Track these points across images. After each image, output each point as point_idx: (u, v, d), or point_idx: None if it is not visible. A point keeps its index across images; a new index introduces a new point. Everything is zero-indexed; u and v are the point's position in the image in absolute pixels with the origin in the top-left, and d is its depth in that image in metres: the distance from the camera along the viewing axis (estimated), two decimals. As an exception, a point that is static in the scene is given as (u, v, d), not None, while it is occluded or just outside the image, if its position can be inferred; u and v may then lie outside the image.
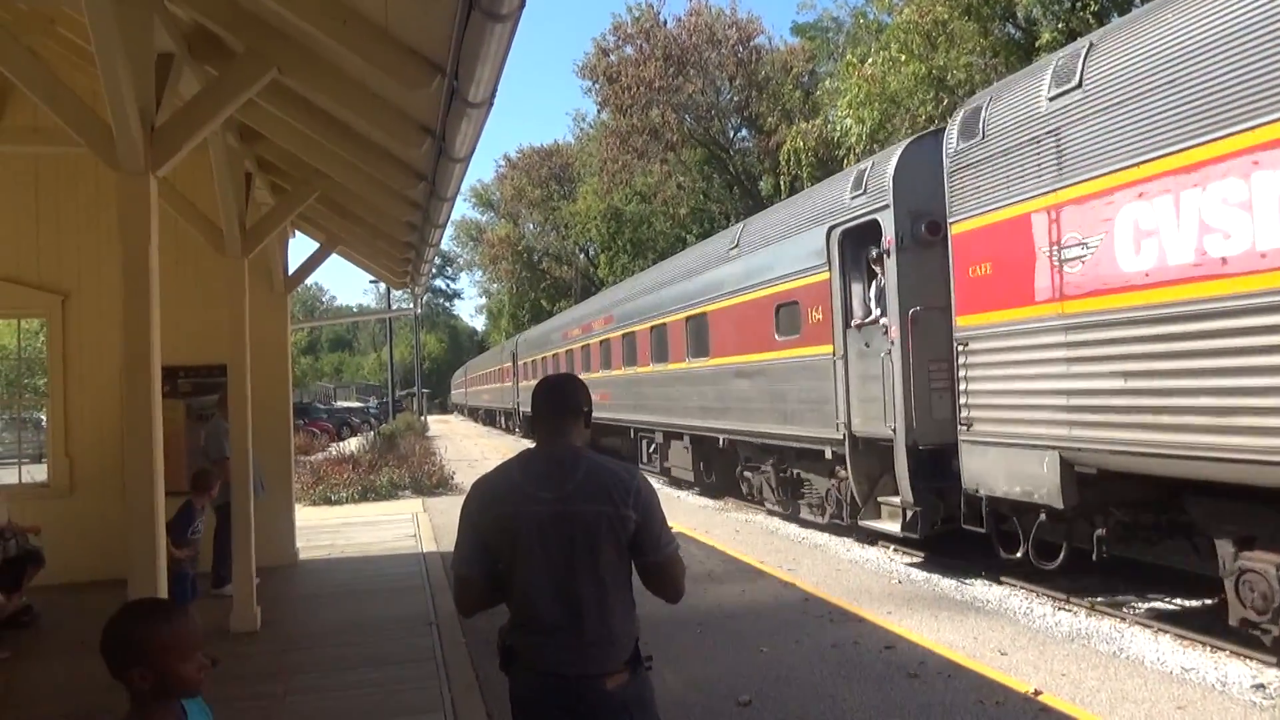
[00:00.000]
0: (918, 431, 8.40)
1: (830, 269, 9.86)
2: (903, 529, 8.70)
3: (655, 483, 15.07)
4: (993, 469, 7.45)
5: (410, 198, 6.57)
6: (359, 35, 3.97)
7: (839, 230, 9.68)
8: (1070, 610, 7.31)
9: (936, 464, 8.45)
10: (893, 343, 8.60)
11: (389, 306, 37.31)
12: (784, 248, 11.12)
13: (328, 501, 16.22)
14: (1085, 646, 6.29)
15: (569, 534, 2.44)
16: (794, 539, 11.09)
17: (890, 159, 8.99)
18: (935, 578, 8.57)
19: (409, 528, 12.69)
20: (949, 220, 7.99)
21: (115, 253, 4.20)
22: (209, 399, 9.30)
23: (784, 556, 9.82)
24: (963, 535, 8.36)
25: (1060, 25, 18.68)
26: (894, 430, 8.55)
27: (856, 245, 9.53)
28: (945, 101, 20.43)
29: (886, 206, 8.78)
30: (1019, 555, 7.65)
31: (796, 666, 5.98)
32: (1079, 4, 18.51)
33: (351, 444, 28.22)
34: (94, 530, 8.37)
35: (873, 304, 9.25)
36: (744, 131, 41.31)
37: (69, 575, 8.33)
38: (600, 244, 46.81)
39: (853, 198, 9.49)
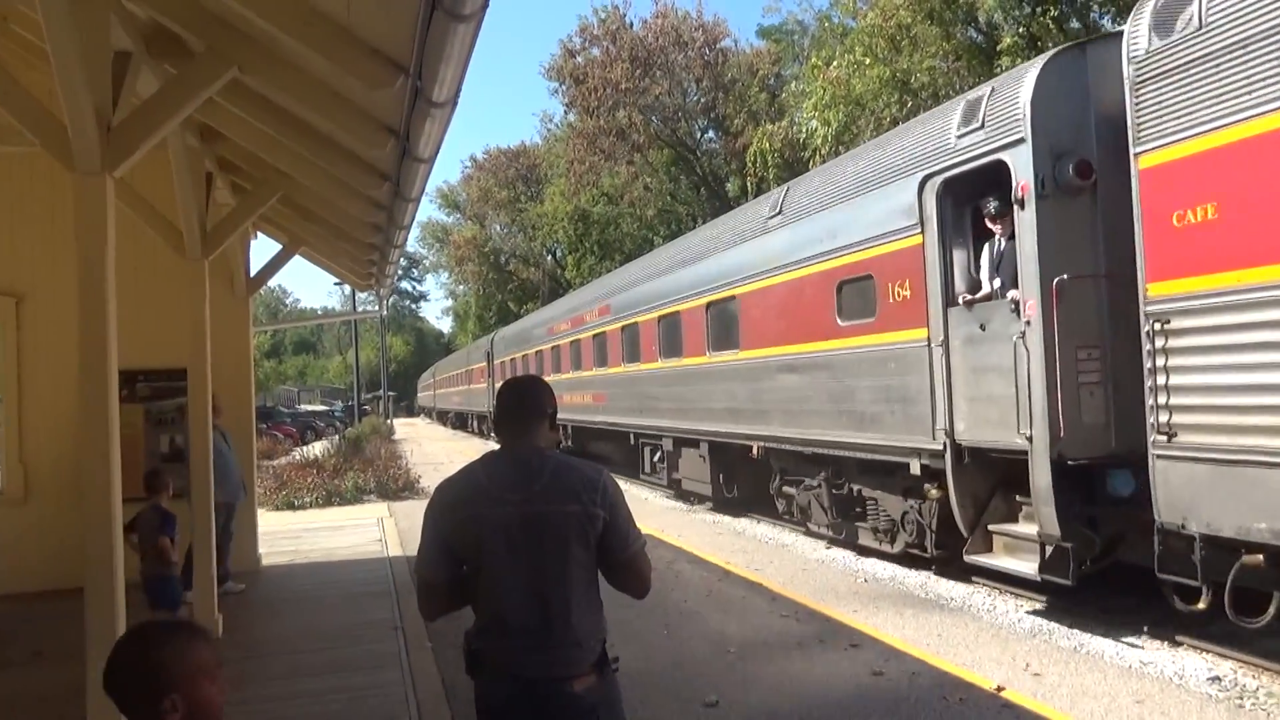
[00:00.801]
0: (1065, 441, 6.36)
1: (924, 231, 7.73)
2: (1041, 569, 6.62)
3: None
4: (1215, 496, 5.44)
5: (374, 198, 6.52)
6: (321, 34, 3.93)
7: (939, 180, 7.58)
8: (1032, 607, 7.41)
9: (1084, 484, 6.58)
10: (1028, 323, 6.57)
11: (354, 309, 37.04)
12: (852, 210, 8.90)
13: (291, 507, 16.02)
14: (1047, 642, 6.39)
15: (537, 535, 2.43)
16: (760, 539, 11.14)
17: (1023, 81, 6.83)
18: (900, 576, 8.65)
19: (374, 532, 12.58)
20: (1136, 150, 5.93)
21: (71, 254, 4.12)
22: (169, 403, 9.15)
23: (751, 556, 9.86)
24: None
25: (1021, 29, 18.97)
26: (1029, 438, 6.51)
27: (959, 199, 7.64)
28: (909, 104, 20.66)
29: (1020, 142, 6.70)
30: (1201, 607, 5.71)
31: (763, 666, 6.01)
32: (1039, 8, 18.80)
33: (316, 448, 27.93)
34: (49, 539, 8.19)
35: (984, 274, 7.38)
36: (711, 133, 41.46)
37: (23, 584, 8.15)
38: (568, 245, 46.72)
39: (962, 135, 7.38)
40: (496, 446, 2.67)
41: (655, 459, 15.68)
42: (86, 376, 4.07)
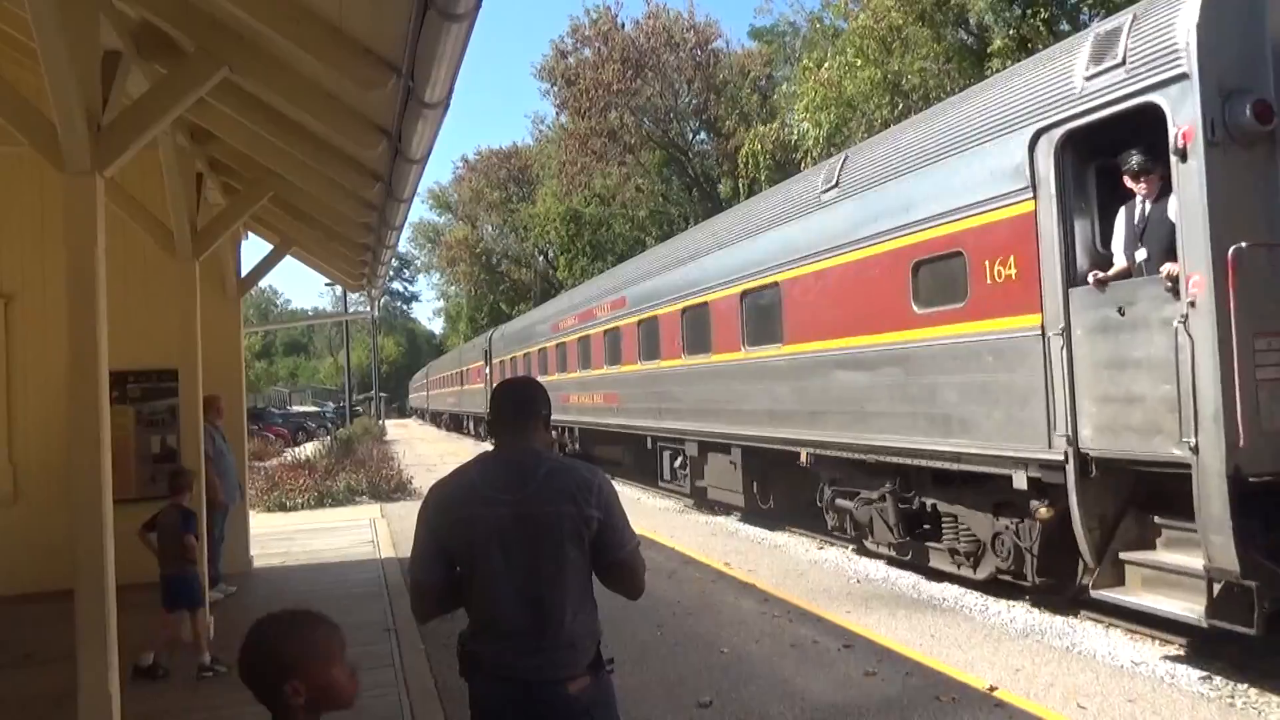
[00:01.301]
0: (1245, 452, 5.09)
1: (1037, 196, 6.44)
2: (1210, 612, 5.30)
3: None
4: None
5: (366, 199, 6.50)
6: (312, 34, 3.92)
7: (1059, 133, 6.28)
8: (1024, 606, 7.43)
9: (1267, 506, 5.25)
10: (1192, 303, 5.29)
11: (345, 310, 36.85)
12: (933, 177, 7.58)
13: (283, 508, 15.96)
14: (1039, 642, 6.40)
15: (532, 536, 2.42)
16: (753, 539, 11.14)
17: (1182, 4, 5.54)
18: (893, 577, 8.66)
19: (366, 533, 12.54)
20: None
21: (61, 254, 4.09)
22: (159, 404, 9.11)
23: (744, 557, 9.87)
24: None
25: (1011, 32, 19.02)
26: (1194, 448, 5.25)
27: (1081, 156, 6.38)
28: (900, 106, 20.71)
29: (1179, 79, 5.40)
30: None
31: (756, 667, 6.01)
32: (1029, 11, 18.87)
33: (307, 449, 27.83)
34: (39, 540, 8.13)
35: (1119, 245, 6.15)
36: (702, 134, 41.48)
37: (12, 587, 8.11)
38: (559, 246, 46.67)
39: (1092, 76, 6.05)
40: (490, 448, 2.66)
41: (676, 465, 14.23)
42: (76, 377, 4.04)
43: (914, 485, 8.35)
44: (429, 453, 30.27)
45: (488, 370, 30.65)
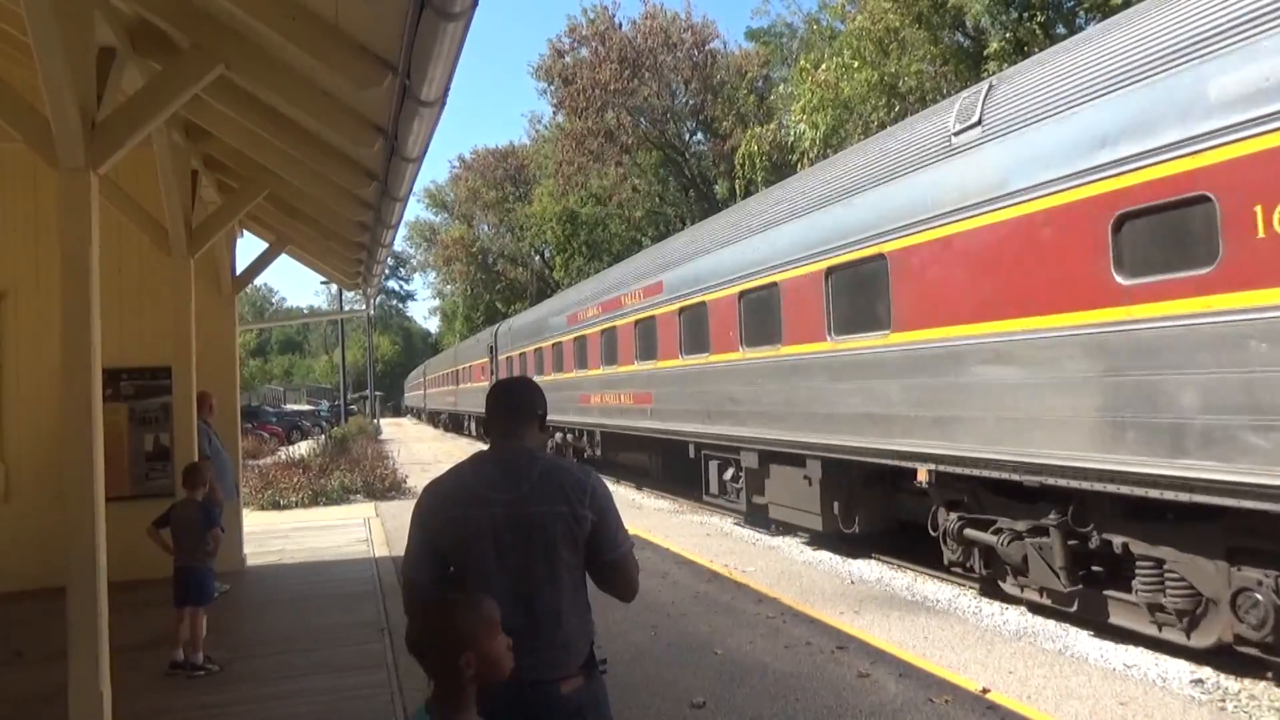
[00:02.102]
0: None
1: None
2: None
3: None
4: None
5: (362, 198, 6.50)
6: (308, 31, 3.92)
7: None
8: (1017, 609, 7.44)
9: None
10: None
11: (340, 308, 36.88)
12: (1152, 95, 5.57)
13: (276, 506, 15.93)
14: (1032, 645, 6.41)
15: (525, 535, 2.42)
16: (748, 541, 11.15)
17: None
18: (887, 578, 8.67)
19: (360, 532, 12.52)
20: None
21: (54, 251, 4.09)
22: (153, 402, 9.09)
23: (739, 558, 9.87)
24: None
25: (1008, 35, 19.06)
26: None
27: None
28: (897, 108, 20.74)
29: None
30: None
31: (750, 668, 6.01)
32: (1026, 15, 18.91)
33: (302, 448, 27.80)
34: (32, 538, 8.13)
35: None
36: (699, 135, 41.52)
37: (6, 584, 8.09)
38: (556, 246, 46.65)
39: None
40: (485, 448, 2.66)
41: (727, 477, 12.09)
42: (69, 374, 4.04)
43: (1091, 517, 6.41)
44: (423, 452, 30.25)
45: (493, 367, 28.81)
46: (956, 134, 7.34)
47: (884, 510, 9.37)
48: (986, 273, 6.95)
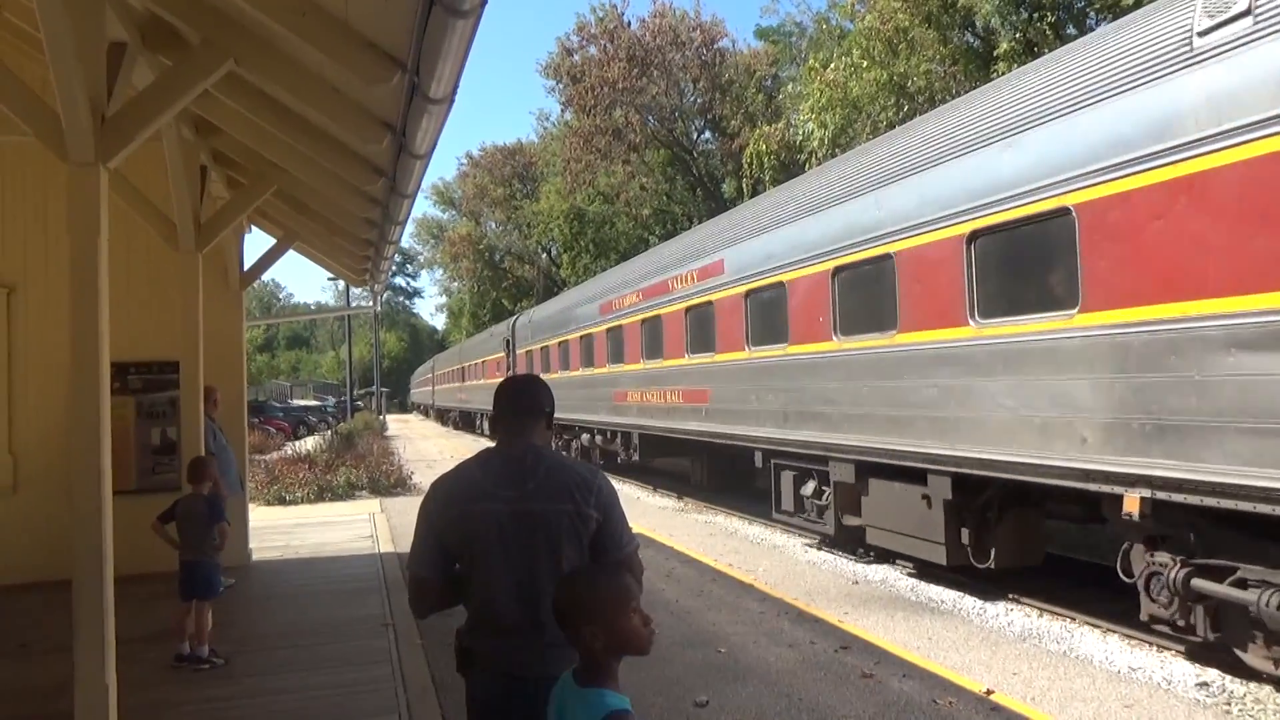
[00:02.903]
0: None
1: None
2: None
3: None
4: None
5: (370, 194, 6.51)
6: (318, 28, 3.93)
7: None
8: (1023, 611, 7.42)
9: None
10: None
11: (348, 304, 36.89)
12: None
13: (282, 501, 15.97)
14: (1036, 646, 6.40)
15: (530, 533, 2.42)
16: (752, 540, 11.15)
17: None
18: (891, 579, 8.66)
19: (365, 528, 12.54)
20: None
21: (63, 245, 4.11)
22: (160, 395, 9.13)
23: (743, 557, 9.86)
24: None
25: (1018, 35, 19.00)
26: None
27: None
28: (906, 108, 20.69)
29: None
30: None
31: (753, 667, 6.01)
32: (1036, 15, 18.84)
33: (308, 443, 27.87)
34: (39, 530, 8.16)
35: None
36: (707, 134, 41.50)
37: (13, 576, 8.12)
38: (563, 244, 46.68)
39: None
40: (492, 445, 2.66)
41: (805, 492, 10.04)
42: (77, 368, 4.05)
43: None
44: (429, 449, 30.30)
45: (509, 362, 26.77)
46: (1204, 33, 5.39)
47: (1020, 541, 7.46)
48: (1263, 225, 4.96)
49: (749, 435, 11.09)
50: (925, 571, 8.51)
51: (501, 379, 2.94)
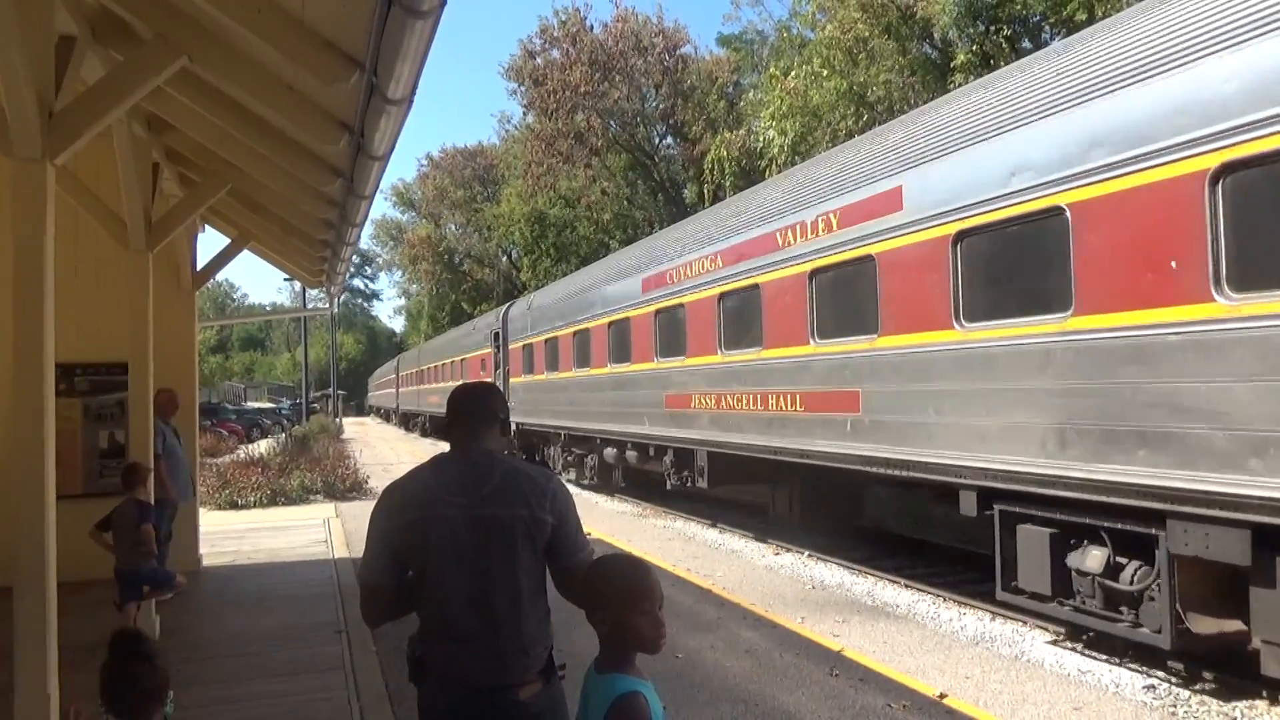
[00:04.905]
0: None
1: None
2: None
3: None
4: None
5: (327, 195, 6.43)
6: (274, 25, 3.87)
7: None
8: (975, 615, 7.52)
9: None
10: None
11: (304, 305, 36.39)
12: None
13: (234, 506, 15.70)
14: (989, 650, 6.49)
15: (484, 539, 2.40)
16: (711, 545, 11.17)
17: None
18: (848, 583, 8.73)
19: (320, 533, 12.37)
20: None
21: (8, 243, 3.99)
22: (108, 398, 8.92)
23: (702, 563, 9.88)
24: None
25: (975, 47, 19.33)
26: None
27: None
28: (865, 117, 20.93)
29: None
30: None
31: (711, 673, 6.02)
32: (992, 28, 19.18)
33: (261, 446, 27.43)
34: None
35: None
36: (669, 139, 41.59)
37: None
38: (523, 247, 46.48)
39: None
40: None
41: (1087, 566, 5.90)
42: (20, 369, 3.94)
43: None
44: (385, 452, 29.97)
45: (499, 359, 22.23)
46: None
47: None
48: None
49: (956, 465, 6.88)
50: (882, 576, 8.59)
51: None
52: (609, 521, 13.13)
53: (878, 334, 7.82)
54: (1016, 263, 6.62)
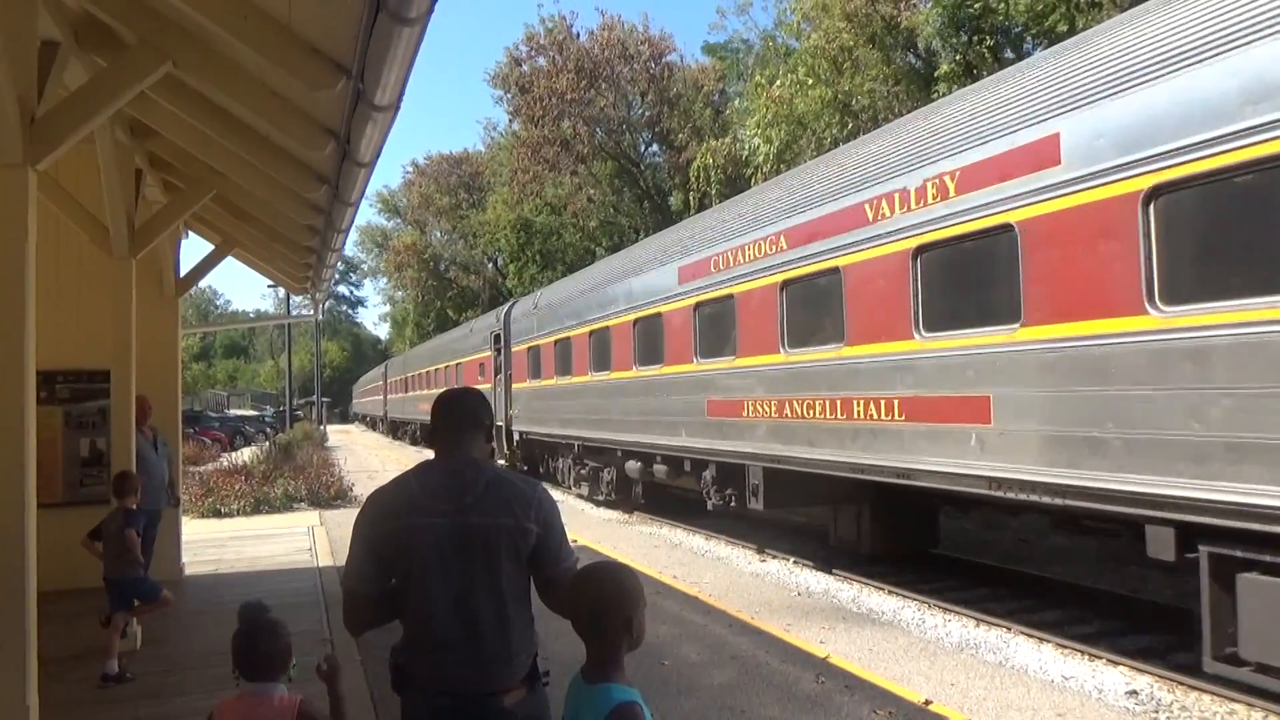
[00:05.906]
0: None
1: None
2: None
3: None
4: None
5: (312, 201, 6.41)
6: (260, 32, 3.86)
7: None
8: (960, 622, 7.55)
9: None
10: None
11: (288, 312, 36.20)
12: None
13: (217, 514, 15.56)
14: (974, 657, 6.51)
15: (468, 547, 2.40)
16: (697, 552, 11.17)
17: None
18: (833, 590, 8.74)
19: (304, 541, 12.29)
20: None
21: (-12, 249, 3.96)
22: (90, 405, 8.84)
23: (688, 569, 9.88)
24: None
25: (958, 57, 19.48)
26: None
27: None
28: (850, 125, 21.06)
29: None
30: None
31: (697, 679, 6.01)
32: (975, 38, 19.34)
33: (245, 454, 27.23)
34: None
35: None
36: (655, 147, 41.67)
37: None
38: (509, 254, 46.43)
39: None
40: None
41: None
42: (1, 375, 3.91)
43: None
44: (370, 459, 29.81)
45: (500, 363, 20.49)
46: None
47: None
48: None
49: (1151, 494, 5.23)
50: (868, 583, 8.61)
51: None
52: (594, 529, 13.10)
53: (1019, 323, 6.20)
54: (1249, 226, 4.81)
